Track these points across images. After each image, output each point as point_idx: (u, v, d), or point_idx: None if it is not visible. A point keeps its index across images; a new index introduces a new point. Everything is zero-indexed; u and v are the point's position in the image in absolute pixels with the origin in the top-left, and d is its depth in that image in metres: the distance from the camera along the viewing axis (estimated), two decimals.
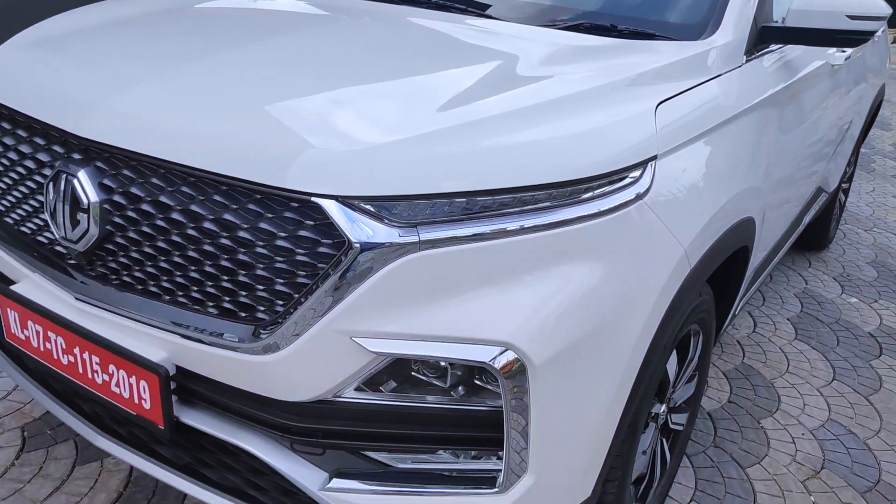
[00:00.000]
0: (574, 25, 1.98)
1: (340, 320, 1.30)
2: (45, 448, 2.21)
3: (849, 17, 1.99)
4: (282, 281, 1.33)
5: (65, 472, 2.13)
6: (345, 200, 1.27)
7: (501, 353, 1.30)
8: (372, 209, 1.28)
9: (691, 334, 1.99)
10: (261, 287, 1.35)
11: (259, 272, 1.34)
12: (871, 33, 2.03)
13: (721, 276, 2.01)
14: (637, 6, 2.12)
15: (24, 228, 1.67)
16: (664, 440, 2.09)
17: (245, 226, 1.33)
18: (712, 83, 1.80)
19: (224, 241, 1.35)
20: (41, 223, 1.62)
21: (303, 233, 1.30)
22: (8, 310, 1.67)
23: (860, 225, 4.76)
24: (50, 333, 1.59)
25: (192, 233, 1.38)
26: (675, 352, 1.86)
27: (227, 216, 1.34)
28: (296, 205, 1.30)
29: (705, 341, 2.07)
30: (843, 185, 4.12)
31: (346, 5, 2.16)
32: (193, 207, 1.37)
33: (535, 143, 1.39)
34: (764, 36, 2.07)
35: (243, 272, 1.36)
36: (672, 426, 2.11)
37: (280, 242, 1.31)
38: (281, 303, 1.35)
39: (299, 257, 1.31)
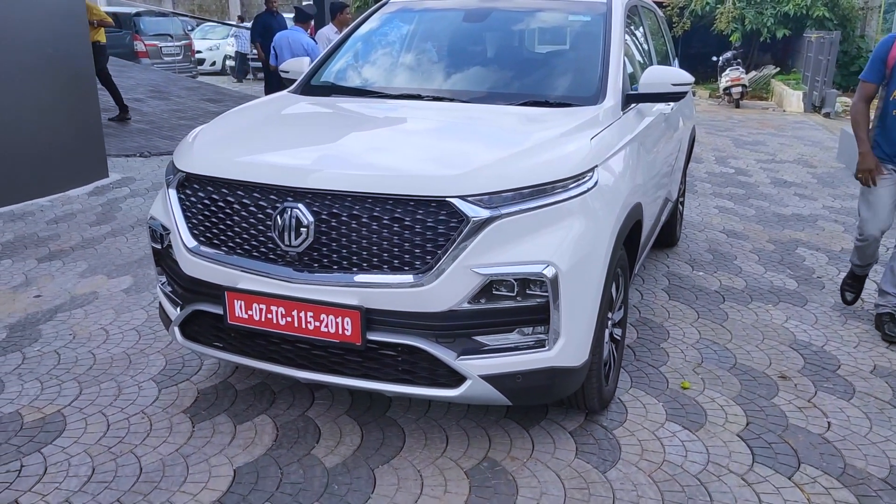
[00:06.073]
0: (524, 103, 3.36)
1: (465, 260, 2.52)
2: (208, 419, 3.18)
3: (672, 84, 3.49)
4: (430, 245, 2.54)
5: (231, 429, 3.12)
6: (463, 197, 2.51)
7: (547, 267, 2.56)
8: (476, 200, 2.53)
9: (619, 275, 3.33)
10: (418, 251, 2.55)
11: (417, 242, 2.54)
12: (685, 93, 3.55)
13: (627, 244, 3.38)
14: (555, 89, 3.56)
15: (245, 248, 2.75)
16: (613, 345, 3.39)
17: (408, 219, 2.53)
18: (611, 127, 3.21)
19: (396, 228, 2.54)
20: (260, 242, 2.71)
21: (441, 217, 2.53)
22: (235, 301, 2.72)
23: (695, 228, 6.46)
24: (272, 307, 2.67)
25: (374, 227, 2.56)
26: (613, 284, 3.19)
27: (397, 215, 2.54)
28: (435, 204, 2.52)
29: (625, 282, 3.43)
30: (680, 199, 5.75)
31: (375, 104, 3.45)
32: (376, 213, 2.55)
33: (544, 161, 2.71)
34: (629, 99, 3.54)
35: (407, 245, 2.55)
36: (615, 337, 3.42)
37: (429, 224, 2.53)
38: (429, 257, 2.54)
39: (440, 230, 2.53)
